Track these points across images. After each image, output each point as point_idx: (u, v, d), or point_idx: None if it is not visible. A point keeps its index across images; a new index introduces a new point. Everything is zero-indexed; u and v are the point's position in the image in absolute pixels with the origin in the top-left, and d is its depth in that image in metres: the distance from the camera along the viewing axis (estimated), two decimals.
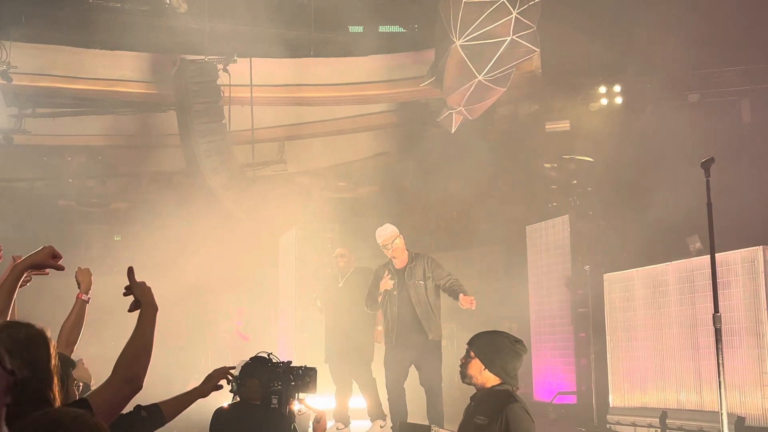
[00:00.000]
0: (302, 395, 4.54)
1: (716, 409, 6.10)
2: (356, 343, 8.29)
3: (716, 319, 5.66)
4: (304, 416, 4.86)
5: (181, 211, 12.69)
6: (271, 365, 4.60)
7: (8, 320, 2.79)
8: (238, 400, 4.63)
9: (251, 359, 4.74)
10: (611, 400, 9.22)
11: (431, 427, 5.74)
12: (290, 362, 4.63)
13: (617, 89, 11.77)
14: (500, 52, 9.87)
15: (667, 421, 8.20)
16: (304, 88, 12.90)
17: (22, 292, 3.05)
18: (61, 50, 12.12)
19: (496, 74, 10.10)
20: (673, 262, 8.56)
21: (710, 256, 5.84)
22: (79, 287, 3.85)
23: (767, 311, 7.25)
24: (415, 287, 7.50)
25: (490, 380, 3.95)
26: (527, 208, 12.29)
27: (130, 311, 2.74)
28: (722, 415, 5.66)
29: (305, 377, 4.54)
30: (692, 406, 8.07)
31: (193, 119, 11.51)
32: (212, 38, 12.02)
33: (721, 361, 5.63)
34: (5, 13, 11.32)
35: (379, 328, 8.24)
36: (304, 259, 11.02)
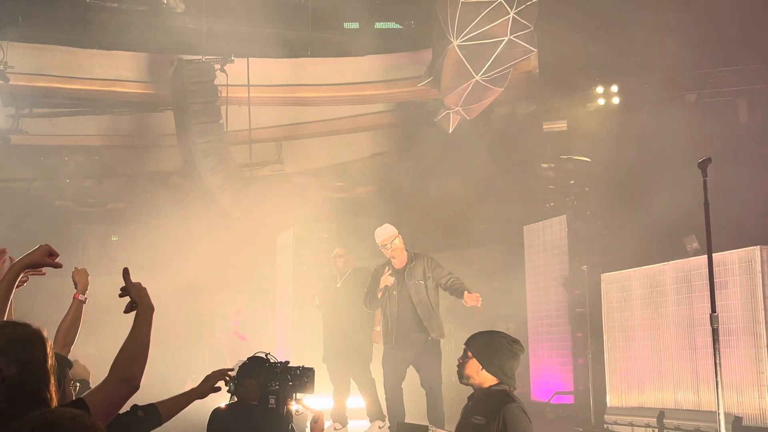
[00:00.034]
0: (300, 395, 4.53)
1: (713, 408, 6.09)
2: (354, 343, 8.27)
3: (713, 318, 5.67)
4: (301, 416, 4.86)
5: (178, 211, 12.66)
6: (268, 365, 4.59)
7: (5, 320, 2.79)
8: (235, 400, 4.63)
9: (248, 359, 4.73)
10: (608, 399, 9.21)
11: (428, 427, 5.75)
12: (288, 362, 4.61)
13: (614, 89, 11.80)
14: (498, 52, 9.87)
15: (664, 420, 8.19)
16: (301, 88, 12.92)
17: (18, 292, 3.04)
18: (58, 50, 12.13)
19: (493, 74, 10.10)
20: (670, 262, 8.55)
21: (707, 255, 5.84)
22: (76, 287, 3.85)
23: (764, 311, 7.24)
24: (415, 287, 7.47)
25: (487, 380, 3.95)
26: (525, 208, 12.26)
27: (125, 312, 2.74)
28: (719, 414, 5.67)
29: (303, 377, 4.53)
30: (689, 405, 8.06)
31: (190, 119, 11.51)
32: (209, 38, 12.03)
33: (718, 360, 5.63)
34: (2, 13, 11.32)
35: (377, 328, 8.20)
36: (301, 259, 10.99)
